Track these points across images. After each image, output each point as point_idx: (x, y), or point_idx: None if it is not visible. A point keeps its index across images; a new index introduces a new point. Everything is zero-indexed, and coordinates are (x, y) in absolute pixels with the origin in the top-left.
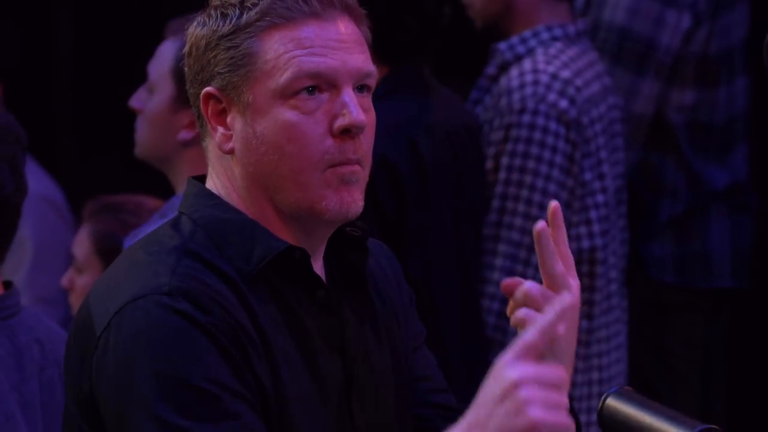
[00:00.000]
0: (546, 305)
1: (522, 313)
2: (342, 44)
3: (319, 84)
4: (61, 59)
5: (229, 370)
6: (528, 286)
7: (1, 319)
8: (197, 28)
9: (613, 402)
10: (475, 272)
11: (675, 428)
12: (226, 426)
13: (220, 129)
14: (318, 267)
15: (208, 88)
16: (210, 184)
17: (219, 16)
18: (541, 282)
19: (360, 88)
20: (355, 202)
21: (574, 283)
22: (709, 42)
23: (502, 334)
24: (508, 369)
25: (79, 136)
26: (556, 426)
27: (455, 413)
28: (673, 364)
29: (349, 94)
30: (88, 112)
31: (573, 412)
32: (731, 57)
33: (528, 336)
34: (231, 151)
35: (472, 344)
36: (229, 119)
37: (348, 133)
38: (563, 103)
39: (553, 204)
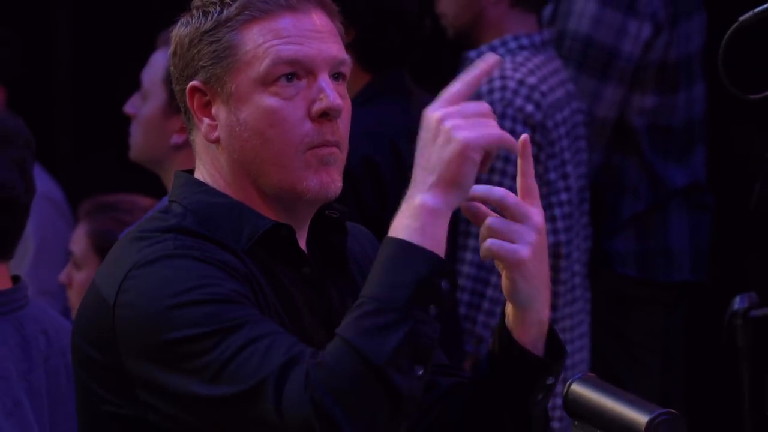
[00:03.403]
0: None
1: (488, 243)
2: (317, 34)
3: (297, 71)
4: (60, 64)
5: (247, 291)
6: (490, 221)
7: (10, 312)
8: (181, 28)
9: (577, 388)
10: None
11: (635, 412)
12: (264, 320)
13: (206, 120)
14: (302, 247)
15: (193, 82)
16: (198, 175)
17: (201, 14)
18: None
19: (335, 76)
20: (334, 182)
21: (539, 211)
22: (668, 50)
23: (471, 324)
24: (432, 113)
25: (76, 138)
26: (488, 139)
27: (450, 367)
28: (635, 352)
29: (325, 80)
30: (85, 115)
31: (557, 338)
32: (690, 64)
33: (453, 88)
34: (217, 140)
35: (449, 336)
36: (213, 110)
37: (326, 116)
38: (529, 108)
39: (524, 136)
